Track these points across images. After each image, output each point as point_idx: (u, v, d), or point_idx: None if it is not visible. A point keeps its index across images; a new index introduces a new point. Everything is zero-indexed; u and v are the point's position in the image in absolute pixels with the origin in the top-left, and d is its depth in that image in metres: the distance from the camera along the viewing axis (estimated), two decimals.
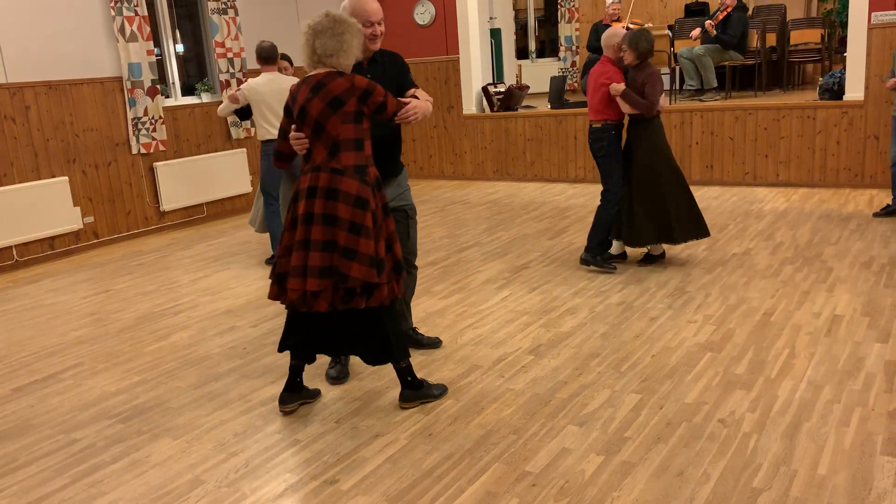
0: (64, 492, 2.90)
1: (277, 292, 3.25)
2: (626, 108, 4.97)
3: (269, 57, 5.66)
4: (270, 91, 5.57)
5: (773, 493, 2.56)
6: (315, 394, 3.56)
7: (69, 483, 2.96)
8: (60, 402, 3.74)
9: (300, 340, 3.33)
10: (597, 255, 5.21)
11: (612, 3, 10.01)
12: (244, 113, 5.80)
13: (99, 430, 3.40)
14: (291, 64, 6.03)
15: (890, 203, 6.21)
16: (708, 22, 8.84)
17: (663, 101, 5.07)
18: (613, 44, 5.00)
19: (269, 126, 5.60)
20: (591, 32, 10.02)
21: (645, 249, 5.33)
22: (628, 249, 5.43)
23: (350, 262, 3.08)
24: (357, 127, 3.15)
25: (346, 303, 3.16)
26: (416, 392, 3.40)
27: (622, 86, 4.91)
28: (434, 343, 4.07)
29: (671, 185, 5.03)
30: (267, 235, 6.17)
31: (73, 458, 3.15)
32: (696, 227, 5.10)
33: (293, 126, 3.24)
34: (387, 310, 3.28)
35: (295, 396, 3.42)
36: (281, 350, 3.39)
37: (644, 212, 5.03)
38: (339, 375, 3.73)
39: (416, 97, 3.43)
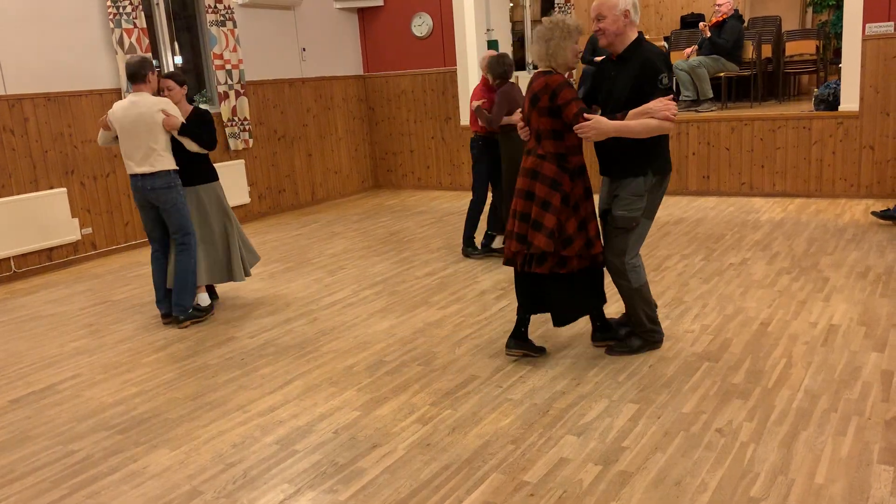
0: (61, 503, 2.90)
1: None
2: (481, 121, 5.70)
3: (133, 74, 4.68)
4: (126, 116, 4.66)
5: (771, 503, 2.57)
6: (540, 350, 3.96)
7: (67, 494, 2.96)
8: (58, 413, 3.73)
9: (519, 297, 3.88)
10: (469, 248, 6.14)
11: None
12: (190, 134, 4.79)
13: (97, 441, 3.40)
14: (181, 85, 4.87)
15: (892, 208, 6.22)
16: (702, 24, 8.94)
17: (516, 117, 5.10)
18: (482, 66, 5.86)
19: (128, 160, 4.74)
20: (588, 45, 10.06)
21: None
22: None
23: (536, 233, 3.60)
24: (554, 120, 3.57)
25: (527, 266, 3.69)
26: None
27: (476, 103, 5.74)
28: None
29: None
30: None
31: (70, 470, 3.15)
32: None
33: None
34: (559, 278, 3.73)
35: (520, 343, 3.90)
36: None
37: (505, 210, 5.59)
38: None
39: (650, 110, 3.43)
